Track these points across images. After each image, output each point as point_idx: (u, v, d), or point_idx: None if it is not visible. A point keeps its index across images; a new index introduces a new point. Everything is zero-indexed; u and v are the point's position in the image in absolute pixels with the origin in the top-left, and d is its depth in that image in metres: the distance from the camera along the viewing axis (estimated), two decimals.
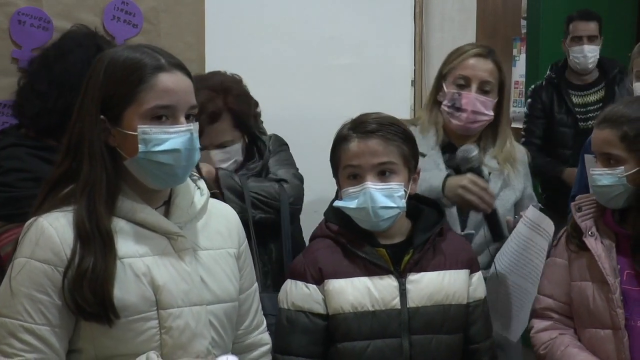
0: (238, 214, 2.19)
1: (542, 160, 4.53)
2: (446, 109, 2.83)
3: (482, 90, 2.81)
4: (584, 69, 4.66)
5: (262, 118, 3.07)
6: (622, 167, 2.23)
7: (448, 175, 2.70)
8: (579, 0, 5.54)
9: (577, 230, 2.32)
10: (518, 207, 2.84)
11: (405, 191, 2.18)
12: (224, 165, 2.80)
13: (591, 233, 2.29)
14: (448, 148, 2.87)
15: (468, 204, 2.64)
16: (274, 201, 2.75)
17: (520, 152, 3.01)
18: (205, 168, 2.55)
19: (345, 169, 2.18)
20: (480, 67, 2.82)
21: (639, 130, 2.24)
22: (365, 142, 2.15)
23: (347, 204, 2.16)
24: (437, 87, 2.94)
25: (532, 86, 4.91)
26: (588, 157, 3.19)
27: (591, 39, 4.67)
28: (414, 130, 2.59)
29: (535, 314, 2.40)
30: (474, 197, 2.59)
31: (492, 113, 2.82)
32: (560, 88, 4.75)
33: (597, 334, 2.25)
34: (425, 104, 3.08)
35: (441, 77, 2.92)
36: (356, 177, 2.16)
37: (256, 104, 3.01)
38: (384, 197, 2.13)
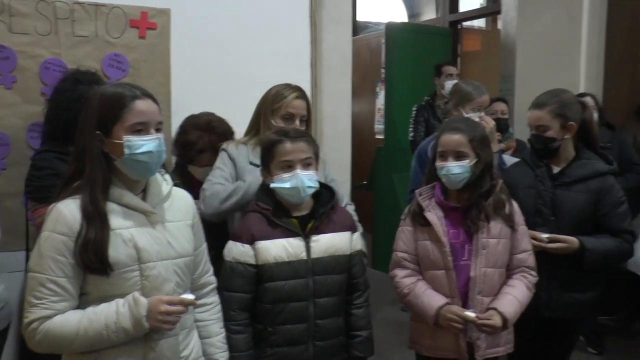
0: None
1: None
2: None
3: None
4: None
5: None
6: (467, 160, 2.26)
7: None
8: (418, 53, 5.67)
9: (420, 208, 2.33)
10: None
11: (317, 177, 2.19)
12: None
13: (429, 209, 2.31)
14: None
15: None
16: None
17: None
18: None
19: (280, 162, 2.15)
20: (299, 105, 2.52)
21: (481, 136, 2.30)
22: (296, 143, 2.14)
23: (282, 184, 2.13)
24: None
25: (416, 105, 4.92)
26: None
27: (449, 77, 4.80)
28: (246, 147, 2.52)
29: (396, 265, 2.36)
30: None
31: None
32: (433, 106, 4.83)
33: (435, 274, 2.28)
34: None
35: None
36: (289, 168, 2.14)
37: (232, 133, 2.87)
38: (308, 180, 2.13)
